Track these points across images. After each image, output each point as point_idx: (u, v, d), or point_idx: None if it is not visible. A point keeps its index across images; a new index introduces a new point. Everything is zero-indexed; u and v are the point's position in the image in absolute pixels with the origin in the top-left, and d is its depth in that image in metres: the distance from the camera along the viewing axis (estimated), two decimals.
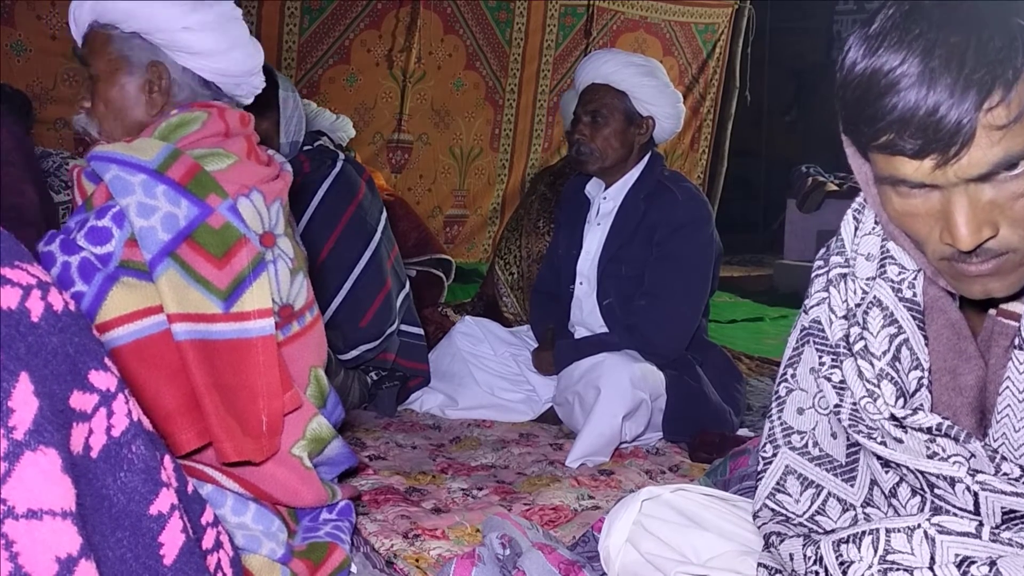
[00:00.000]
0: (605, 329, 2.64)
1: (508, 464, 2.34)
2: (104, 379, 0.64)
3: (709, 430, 2.45)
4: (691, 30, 6.21)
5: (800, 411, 1.12)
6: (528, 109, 5.85)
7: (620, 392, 2.34)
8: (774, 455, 1.13)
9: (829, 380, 1.04)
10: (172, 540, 0.67)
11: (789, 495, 1.11)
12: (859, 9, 9.54)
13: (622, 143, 2.63)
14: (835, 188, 6.84)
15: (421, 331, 2.88)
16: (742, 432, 2.58)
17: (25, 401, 0.56)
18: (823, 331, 1.06)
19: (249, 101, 1.67)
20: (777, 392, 1.16)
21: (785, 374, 1.14)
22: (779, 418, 1.14)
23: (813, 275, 1.10)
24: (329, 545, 1.54)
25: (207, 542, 0.76)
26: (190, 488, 0.74)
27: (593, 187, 2.75)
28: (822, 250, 1.11)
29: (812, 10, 9.15)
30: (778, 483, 1.12)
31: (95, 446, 0.63)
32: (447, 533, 1.82)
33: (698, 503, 1.29)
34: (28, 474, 0.55)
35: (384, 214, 2.83)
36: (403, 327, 2.81)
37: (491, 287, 3.60)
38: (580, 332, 2.72)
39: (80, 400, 0.61)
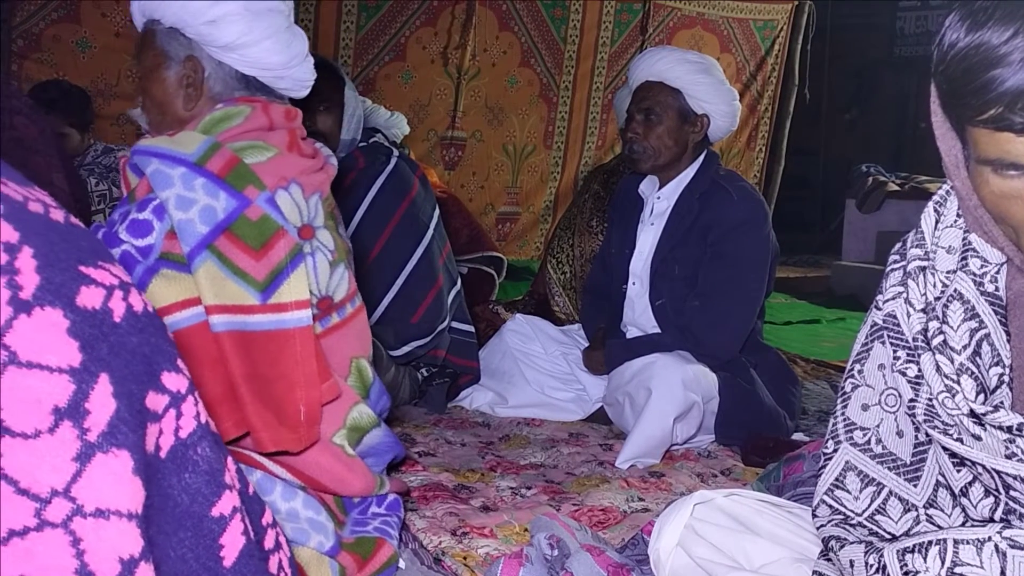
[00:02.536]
0: (657, 330, 2.61)
1: (557, 463, 2.33)
2: (175, 380, 0.65)
3: (762, 434, 2.41)
4: (750, 27, 6.12)
5: (865, 407, 1.09)
6: (582, 106, 5.82)
7: (672, 393, 2.31)
8: (835, 451, 1.11)
9: (904, 375, 1.01)
10: (232, 542, 0.68)
11: (848, 492, 1.08)
12: (923, 6, 9.33)
13: (676, 141, 2.60)
14: (896, 188, 6.70)
15: (472, 328, 2.88)
16: (797, 437, 2.53)
17: (103, 403, 0.57)
18: (898, 325, 1.03)
19: (298, 95, 1.65)
20: (843, 388, 1.13)
21: (852, 370, 1.11)
22: (843, 414, 1.11)
23: (888, 269, 1.07)
24: (377, 540, 1.54)
25: (268, 542, 0.76)
26: (251, 489, 0.75)
27: (647, 186, 2.72)
28: (898, 244, 1.08)
29: (875, 7, 8.97)
30: (837, 479, 1.09)
31: (164, 446, 0.63)
32: (495, 532, 1.82)
33: (751, 508, 1.27)
34: (98, 475, 0.56)
35: (437, 211, 2.84)
36: (454, 324, 2.81)
37: (542, 285, 3.59)
38: (632, 332, 2.70)
39: (154, 401, 0.62)
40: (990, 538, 0.91)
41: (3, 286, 0.54)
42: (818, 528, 1.11)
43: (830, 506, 1.10)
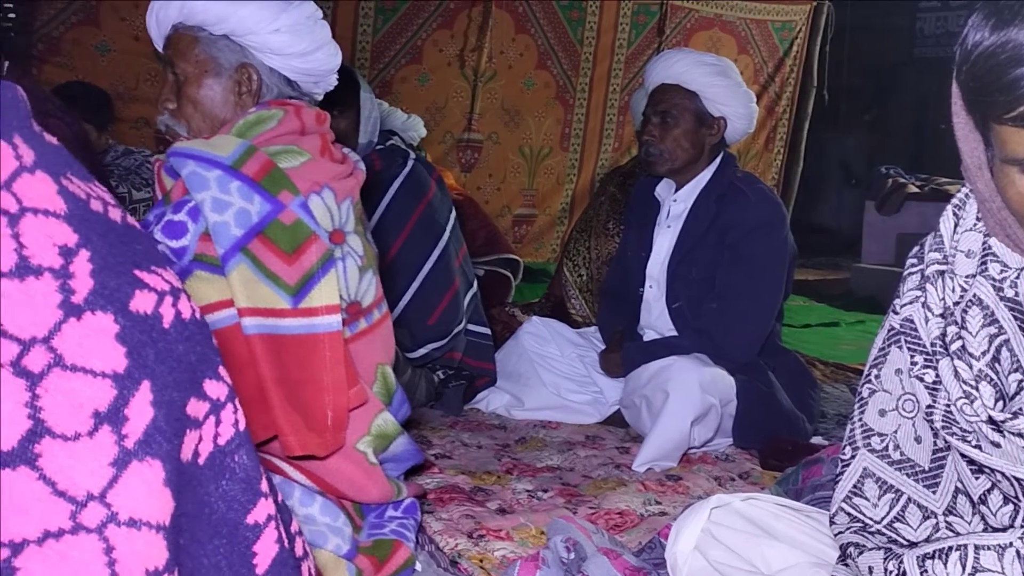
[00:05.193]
0: (674, 332, 2.60)
1: (574, 466, 2.32)
2: (216, 388, 0.65)
3: (781, 437, 2.40)
4: (767, 28, 6.10)
5: (882, 413, 1.08)
6: (599, 108, 5.81)
7: (689, 396, 2.30)
8: (852, 457, 1.10)
9: (921, 380, 1.00)
10: (266, 550, 0.68)
11: (867, 499, 1.07)
12: (943, 6, 9.26)
13: (692, 144, 2.59)
14: (916, 190, 6.65)
15: (488, 331, 2.87)
16: (816, 440, 2.51)
17: (142, 410, 0.57)
18: (916, 330, 1.02)
19: (320, 97, 1.68)
20: (860, 393, 1.12)
21: (869, 375, 1.10)
22: (860, 420, 1.10)
23: (905, 273, 1.06)
24: (394, 543, 1.54)
25: (299, 550, 0.76)
26: (280, 498, 0.75)
27: (663, 189, 2.71)
28: (915, 248, 1.07)
29: (894, 7, 8.91)
30: (855, 486, 1.08)
31: (202, 453, 0.64)
32: (511, 534, 1.81)
33: (769, 512, 1.26)
34: (133, 483, 0.56)
35: (453, 213, 2.84)
36: (470, 326, 2.81)
37: (559, 288, 3.59)
38: (649, 335, 2.69)
39: (195, 408, 0.62)
40: (1011, 544, 0.90)
41: (56, 290, 0.54)
42: (836, 535, 1.10)
43: (848, 514, 1.09)
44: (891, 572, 0.98)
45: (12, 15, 4.10)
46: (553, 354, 2.83)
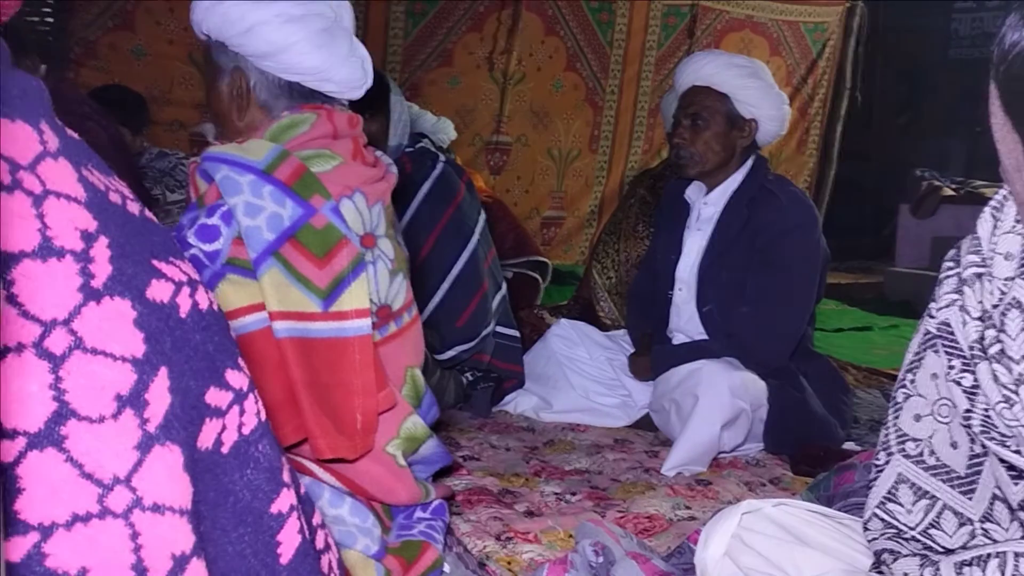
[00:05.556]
0: (704, 336, 2.58)
1: (602, 470, 2.31)
2: (238, 378, 0.65)
3: (813, 443, 2.37)
4: (800, 29, 6.04)
5: (917, 418, 1.06)
6: (628, 110, 5.79)
7: (719, 400, 2.29)
8: (886, 463, 1.08)
9: (959, 384, 0.99)
10: (289, 539, 0.68)
11: (901, 505, 1.06)
12: (979, 7, 9.13)
13: (723, 146, 2.57)
14: (951, 193, 6.56)
15: (517, 333, 2.87)
16: (848, 446, 2.48)
17: (160, 396, 0.57)
18: (953, 334, 1.01)
19: (352, 96, 1.64)
20: (894, 398, 1.10)
21: (904, 380, 1.09)
22: (894, 425, 1.08)
23: (942, 276, 1.04)
24: (422, 544, 1.55)
25: (319, 542, 0.77)
26: (302, 490, 0.75)
27: (693, 191, 2.70)
28: (951, 251, 1.05)
29: (929, 8, 8.79)
30: (889, 491, 1.07)
31: (226, 442, 0.64)
32: (539, 537, 1.81)
33: (801, 518, 1.24)
34: (156, 467, 0.56)
35: (482, 215, 2.84)
36: (499, 328, 2.81)
37: (587, 290, 3.57)
38: (678, 338, 2.67)
39: (216, 397, 0.63)
40: None
41: (76, 273, 0.55)
42: (870, 542, 1.09)
43: (882, 519, 1.07)
44: None
45: (50, 19, 4.16)
46: (581, 357, 2.83)
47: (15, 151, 0.54)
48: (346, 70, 1.58)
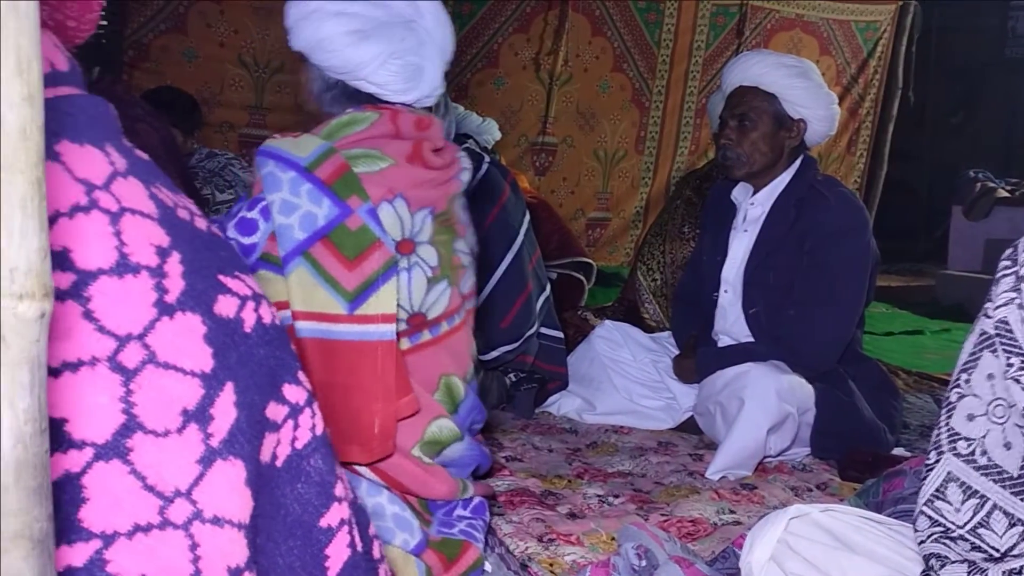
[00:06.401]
0: (750, 338, 2.55)
1: (646, 472, 2.30)
2: (295, 393, 0.66)
3: (861, 448, 2.33)
4: (851, 28, 5.95)
5: (970, 418, 1.04)
6: (675, 111, 5.75)
7: (765, 404, 2.26)
8: (937, 461, 1.06)
9: (1018, 382, 0.97)
10: (338, 554, 0.69)
11: (949, 503, 1.04)
12: None
13: (771, 147, 2.53)
14: (1006, 195, 6.41)
15: (561, 334, 2.87)
16: (897, 452, 2.44)
17: (226, 410, 0.58)
18: (1011, 332, 0.98)
19: (399, 99, 1.59)
20: (947, 398, 1.08)
21: (958, 380, 1.07)
22: (947, 424, 1.07)
23: (998, 275, 1.02)
24: (463, 543, 1.54)
25: (376, 552, 0.77)
26: (358, 500, 0.76)
27: (740, 192, 2.67)
28: (1008, 250, 1.03)
29: (984, 7, 8.60)
30: (938, 489, 1.05)
31: (280, 456, 0.65)
32: (582, 539, 1.80)
33: (850, 524, 1.22)
34: (218, 481, 0.57)
35: (527, 216, 2.84)
36: (543, 330, 2.81)
37: (632, 292, 3.56)
38: (724, 341, 2.64)
39: (274, 411, 0.64)
40: None
41: (152, 288, 0.56)
42: (919, 544, 1.07)
43: (930, 517, 1.05)
44: None
45: (104, 23, 4.25)
46: (626, 359, 2.81)
47: (88, 172, 0.56)
48: (385, 73, 1.54)
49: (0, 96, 0.36)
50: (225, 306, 0.60)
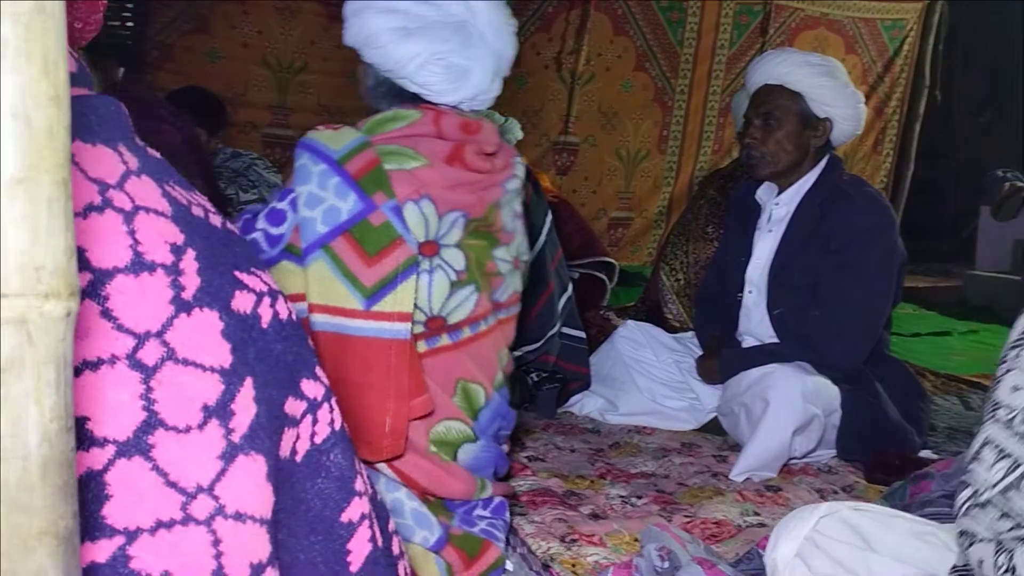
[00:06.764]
0: (774, 339, 2.53)
1: (669, 473, 2.29)
2: (313, 388, 0.66)
3: (888, 450, 2.30)
4: (877, 27, 5.89)
5: (1015, 389, 1.04)
6: (698, 110, 5.72)
7: (790, 405, 2.24)
8: (977, 432, 1.06)
9: None
10: (359, 548, 0.69)
11: (982, 463, 1.03)
12: None
13: (796, 146, 2.51)
14: None
15: (583, 334, 2.85)
16: (924, 454, 2.41)
17: (246, 406, 0.58)
18: None
19: (440, 100, 1.58)
20: (995, 375, 1.08)
21: (1006, 356, 1.07)
22: (991, 397, 1.07)
23: None
24: (484, 542, 1.54)
25: (396, 548, 0.77)
26: (378, 496, 0.76)
27: (765, 192, 2.65)
28: None
29: (1012, 5, 8.49)
30: (975, 454, 1.05)
31: (300, 451, 0.65)
32: (604, 540, 1.79)
33: (879, 522, 1.21)
34: (239, 476, 0.57)
35: (549, 216, 2.83)
36: (565, 330, 2.80)
37: (655, 292, 3.54)
38: (748, 341, 2.62)
39: (292, 406, 0.64)
40: None
41: (168, 285, 0.56)
42: (955, 515, 1.06)
43: (965, 483, 1.05)
44: (1001, 567, 0.93)
45: (129, 24, 4.29)
46: (648, 359, 2.80)
47: (102, 172, 0.56)
48: (426, 73, 1.54)
49: (27, 97, 0.36)
50: (242, 302, 0.60)
